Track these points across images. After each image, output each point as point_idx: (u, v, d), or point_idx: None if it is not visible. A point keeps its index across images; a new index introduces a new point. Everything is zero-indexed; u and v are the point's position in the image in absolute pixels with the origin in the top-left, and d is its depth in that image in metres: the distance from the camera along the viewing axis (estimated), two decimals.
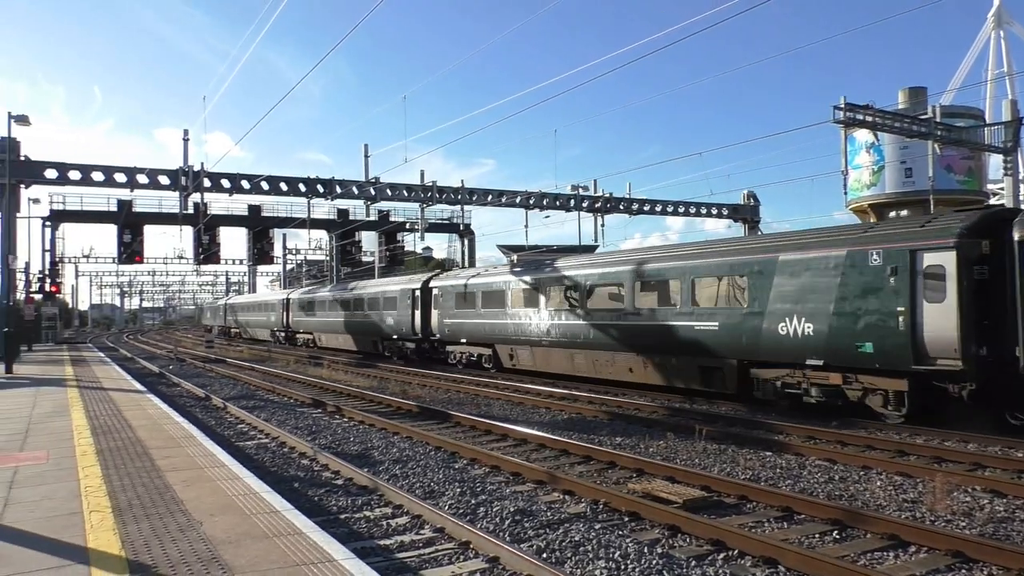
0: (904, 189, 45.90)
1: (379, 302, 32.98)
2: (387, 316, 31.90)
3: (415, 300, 29.54)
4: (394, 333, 31.49)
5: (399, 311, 30.83)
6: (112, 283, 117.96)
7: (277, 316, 49.58)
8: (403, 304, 30.47)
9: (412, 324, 29.77)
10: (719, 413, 15.18)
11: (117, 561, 5.14)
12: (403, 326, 30.54)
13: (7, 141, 29.73)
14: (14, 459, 8.95)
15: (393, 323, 31.43)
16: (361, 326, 35.49)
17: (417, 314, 29.38)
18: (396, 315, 31.13)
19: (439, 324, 27.94)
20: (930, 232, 13.06)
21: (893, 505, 8.30)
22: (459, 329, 26.72)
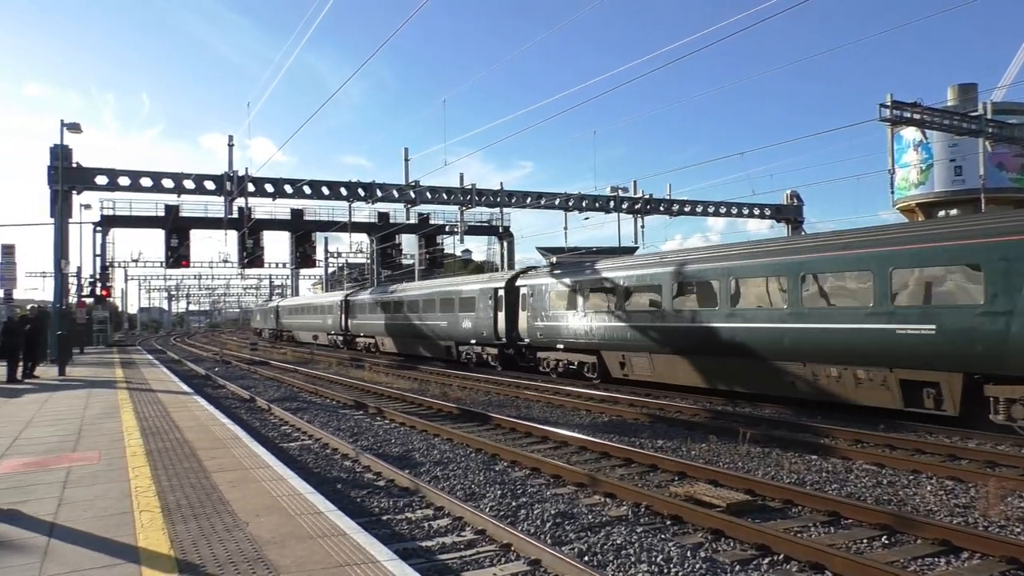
0: (954, 188, 44.79)
1: (454, 303, 30.18)
2: (464, 319, 29.06)
3: (498, 300, 26.69)
4: (472, 337, 28.62)
5: (478, 313, 27.98)
6: (160, 287, 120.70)
7: (334, 319, 46.51)
8: (483, 305, 27.58)
9: (494, 327, 26.86)
10: (762, 416, 14.96)
11: (167, 560, 5.25)
12: (483, 330, 27.58)
13: (60, 149, 30.58)
14: (68, 459, 9.20)
15: (471, 326, 28.54)
16: (432, 330, 32.29)
17: (501, 316, 26.45)
18: (474, 317, 28.27)
19: (528, 327, 24.70)
20: None
21: (944, 510, 8.11)
22: (555, 333, 23.38)
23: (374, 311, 39.62)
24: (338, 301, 45.84)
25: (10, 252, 46.12)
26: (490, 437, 12.90)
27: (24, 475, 8.30)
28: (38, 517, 6.47)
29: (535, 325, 24.29)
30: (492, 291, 27.10)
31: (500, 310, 26.52)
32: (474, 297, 28.44)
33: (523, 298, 25.28)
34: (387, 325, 37.70)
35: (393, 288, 38.96)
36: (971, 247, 12.72)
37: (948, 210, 42.73)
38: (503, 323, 26.29)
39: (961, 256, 12.88)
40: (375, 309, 39.47)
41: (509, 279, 26.76)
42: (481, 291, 27.95)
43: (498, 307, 26.64)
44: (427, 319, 32.63)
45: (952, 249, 12.99)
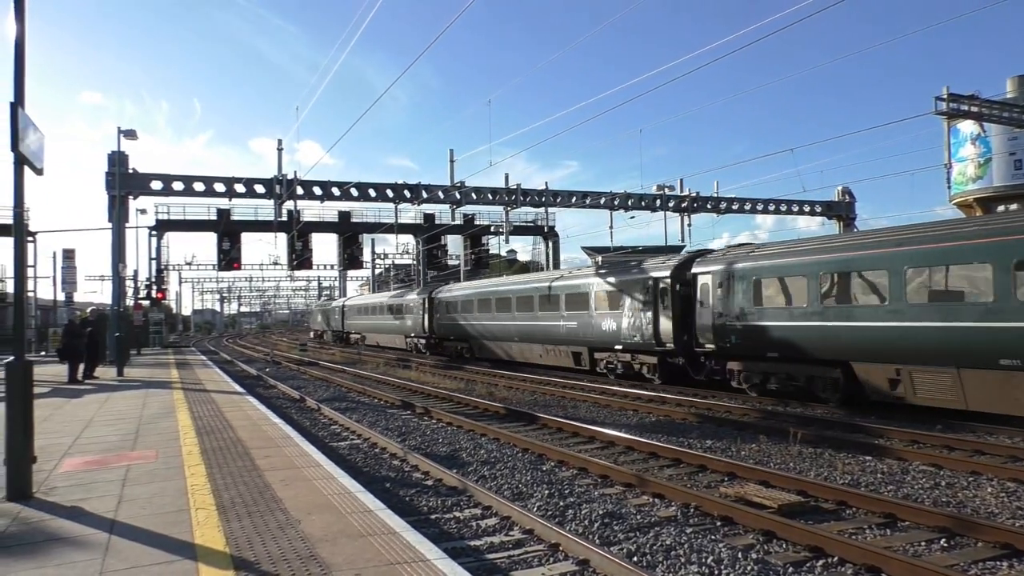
0: (1014, 182, 43.38)
1: (586, 299, 24.47)
2: (603, 319, 23.36)
3: (659, 294, 21.00)
4: (615, 342, 22.75)
5: (627, 311, 22.26)
6: (212, 289, 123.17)
7: (415, 319, 40.87)
8: (634, 302, 21.91)
9: (654, 329, 21.01)
10: (814, 416, 14.69)
11: (222, 557, 5.36)
12: (635, 333, 21.83)
13: (117, 155, 31.46)
14: (127, 458, 9.46)
15: (614, 328, 22.78)
16: (550, 333, 26.63)
17: (665, 316, 20.81)
18: (621, 316, 22.57)
19: (715, 328, 18.68)
20: None
21: (1006, 513, 7.86)
22: (764, 338, 17.07)
23: (467, 310, 34.03)
24: (422, 299, 40.15)
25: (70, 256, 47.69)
26: (537, 437, 12.90)
27: (85, 473, 8.56)
28: (99, 514, 6.67)
29: (728, 326, 18.25)
30: (650, 282, 21.38)
31: (664, 307, 20.81)
32: (620, 291, 22.93)
33: (705, 290, 19.26)
34: (486, 327, 32.12)
35: (493, 283, 34.08)
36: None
37: (1008, 205, 41.49)
38: (668, 324, 20.58)
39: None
40: (469, 308, 33.91)
41: (678, 266, 20.85)
42: (633, 283, 22.26)
43: (660, 303, 20.95)
44: (544, 319, 27.08)
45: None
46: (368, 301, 54.46)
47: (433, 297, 38.70)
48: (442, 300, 37.47)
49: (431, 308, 38.75)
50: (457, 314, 35.33)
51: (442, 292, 38.15)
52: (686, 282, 20.23)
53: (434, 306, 38.42)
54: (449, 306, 36.41)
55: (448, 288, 38.68)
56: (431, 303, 38.78)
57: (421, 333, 40.41)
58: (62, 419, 13.50)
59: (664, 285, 20.92)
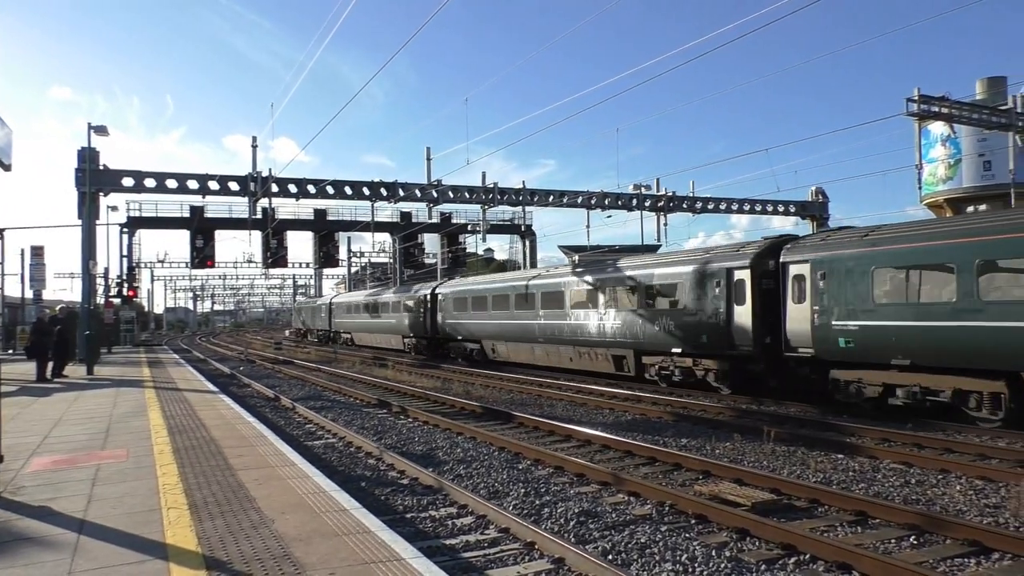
0: (983, 183, 44.10)
1: (636, 293, 21.07)
2: (656, 317, 20.05)
3: (733, 288, 17.73)
4: (672, 345, 19.42)
5: (689, 308, 18.84)
6: (185, 287, 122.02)
7: (415, 318, 37.37)
8: (699, 297, 18.61)
9: (726, 329, 17.69)
10: (788, 414, 14.84)
11: (194, 557, 5.30)
12: (700, 332, 18.44)
13: (87, 151, 31.01)
14: (97, 457, 9.32)
15: (671, 327, 19.47)
16: (589, 332, 23.04)
17: (740, 312, 17.45)
18: (678, 315, 19.26)
19: (815, 328, 15.57)
20: None
21: (974, 510, 7.99)
22: (894, 340, 14.19)
23: (479, 307, 30.73)
24: (423, 296, 36.48)
25: (39, 254, 46.92)
26: (513, 435, 12.90)
27: (54, 472, 8.43)
28: (68, 514, 6.56)
29: (835, 327, 15.16)
30: (722, 274, 17.99)
31: (739, 302, 17.61)
32: (677, 284, 19.50)
33: (799, 283, 16.26)
34: (502, 327, 28.97)
35: (510, 277, 30.84)
36: None
37: (977, 205, 42.19)
38: (745, 323, 17.28)
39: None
40: (481, 305, 30.61)
41: (759, 254, 17.48)
42: (698, 274, 18.79)
43: (734, 298, 17.73)
44: (577, 317, 23.72)
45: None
46: (359, 298, 49.83)
47: (437, 293, 34.98)
48: (448, 296, 33.68)
49: (434, 305, 35.12)
50: (467, 312, 31.80)
51: (447, 287, 34.48)
52: (769, 273, 17.12)
53: (438, 303, 34.71)
54: (457, 303, 32.74)
55: (455, 283, 34.96)
56: (434, 300, 35.14)
57: (422, 333, 36.87)
58: (30, 418, 13.28)
59: (741, 277, 17.57)
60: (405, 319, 38.79)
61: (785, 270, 16.64)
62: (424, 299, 36.19)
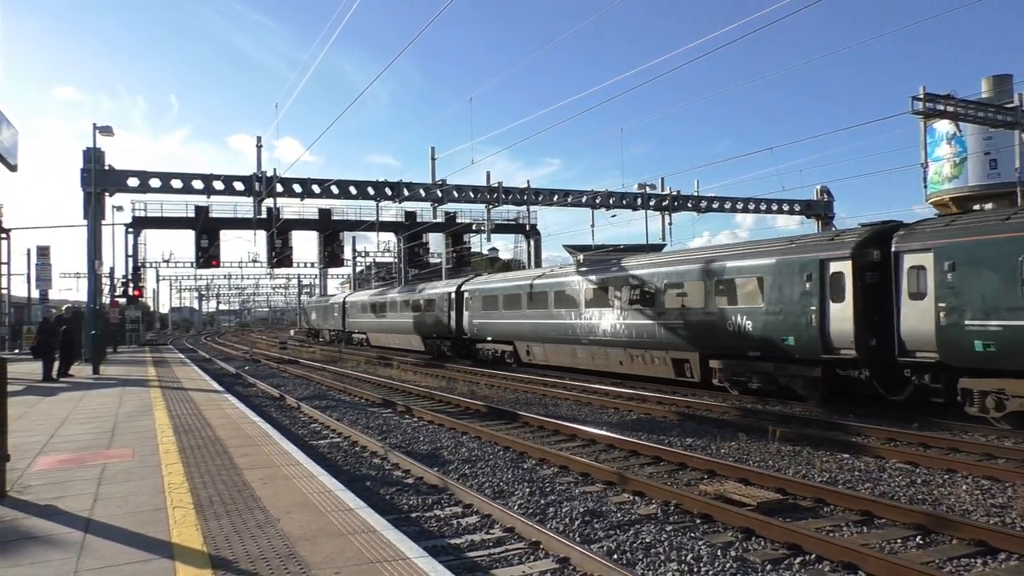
0: (989, 181, 43.93)
1: (704, 289, 18.56)
2: (731, 316, 17.49)
3: (828, 282, 15.30)
4: (749, 346, 17.07)
5: (772, 305, 16.43)
6: (190, 287, 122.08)
7: (438, 317, 34.68)
8: (784, 292, 16.19)
9: (819, 330, 15.27)
10: (793, 414, 14.81)
11: (200, 556, 5.31)
12: (786, 333, 15.98)
13: (92, 151, 31.07)
14: (103, 456, 9.35)
15: (749, 327, 16.94)
16: (645, 333, 20.47)
17: (839, 311, 15.01)
18: (758, 313, 16.81)
19: (941, 329, 13.43)
20: None
21: (981, 510, 7.96)
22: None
23: (513, 306, 28.00)
24: (447, 293, 33.90)
25: (45, 254, 47.05)
26: (518, 435, 12.90)
27: (60, 471, 8.45)
28: (74, 513, 6.58)
29: (969, 328, 12.94)
30: (815, 265, 15.57)
31: (836, 299, 15.16)
32: (756, 278, 17.04)
33: (918, 276, 14.05)
34: (540, 327, 25.69)
35: (552, 272, 26.97)
36: None
37: (983, 204, 42.03)
38: (845, 322, 14.90)
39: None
40: (514, 303, 27.93)
41: (860, 243, 15.15)
42: (785, 267, 16.33)
43: (830, 293, 15.27)
44: (630, 316, 21.18)
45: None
46: (375, 297, 47.06)
47: (463, 291, 32.52)
48: (476, 294, 31.31)
49: (459, 304, 32.68)
50: (497, 311, 29.35)
51: (475, 284, 32.16)
52: (873, 265, 14.99)
53: (464, 301, 32.38)
54: (486, 301, 30.32)
55: (483, 280, 32.91)
56: (459, 298, 32.70)
57: (445, 333, 34.24)
58: (36, 417, 13.32)
59: (838, 270, 15.19)
60: (427, 319, 36.34)
61: (898, 261, 14.38)
62: (448, 297, 33.73)
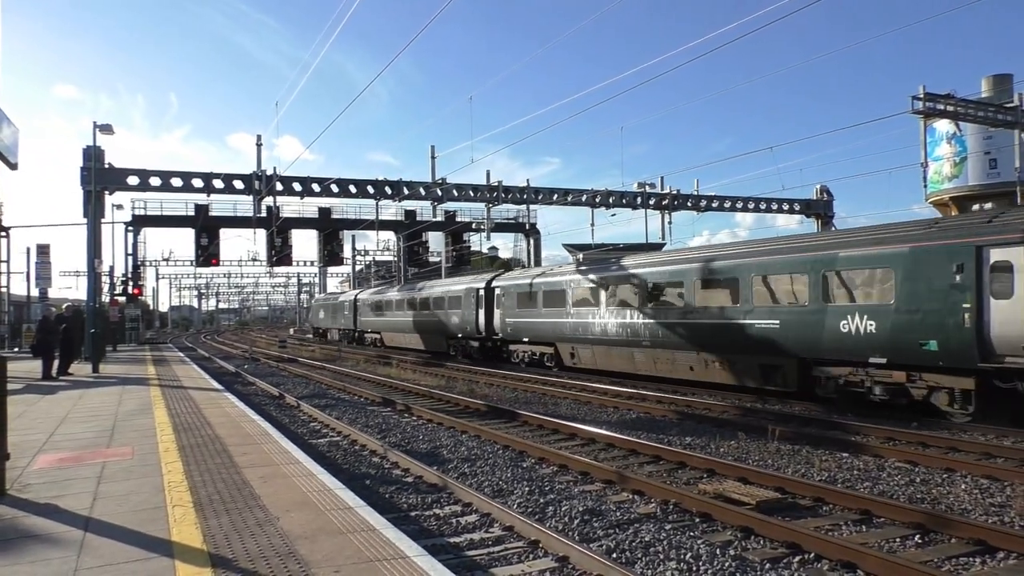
0: (989, 181, 43.95)
1: (811, 284, 15.67)
2: (844, 315, 14.89)
3: (984, 274, 12.91)
4: (868, 351, 14.52)
5: (903, 302, 13.96)
6: (190, 285, 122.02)
7: (464, 316, 31.90)
8: (918, 282, 13.77)
9: (975, 331, 12.85)
10: (792, 413, 14.82)
11: (199, 554, 5.32)
12: (925, 334, 13.59)
13: (92, 150, 31.07)
14: (102, 455, 9.35)
15: (872, 329, 14.38)
16: (727, 335, 17.69)
17: (1002, 308, 12.64)
18: (881, 312, 14.30)
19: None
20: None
21: (979, 509, 7.97)
22: None
23: (555, 303, 24.99)
24: (474, 289, 31.14)
25: (45, 252, 47.08)
26: (517, 434, 12.90)
27: (60, 470, 8.45)
28: (74, 511, 6.59)
29: None
30: (964, 254, 13.16)
31: (996, 294, 12.77)
32: (883, 270, 14.55)
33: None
34: (591, 326, 22.93)
35: (603, 262, 23.92)
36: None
37: (983, 204, 42.05)
38: (1014, 323, 12.46)
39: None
40: (557, 300, 24.92)
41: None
42: (921, 256, 13.84)
43: (988, 288, 12.86)
44: (707, 315, 18.40)
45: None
46: (390, 294, 43.54)
47: (494, 287, 30.03)
48: (510, 290, 28.54)
49: (489, 301, 30.08)
50: (536, 308, 26.48)
51: (508, 280, 29.56)
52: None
53: (495, 298, 29.71)
54: (522, 298, 27.48)
55: (516, 275, 30.17)
56: (489, 294, 30.10)
57: (472, 333, 31.28)
58: (36, 415, 13.32)
59: (1003, 259, 12.63)
60: (451, 317, 33.24)
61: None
62: (476, 294, 30.89)
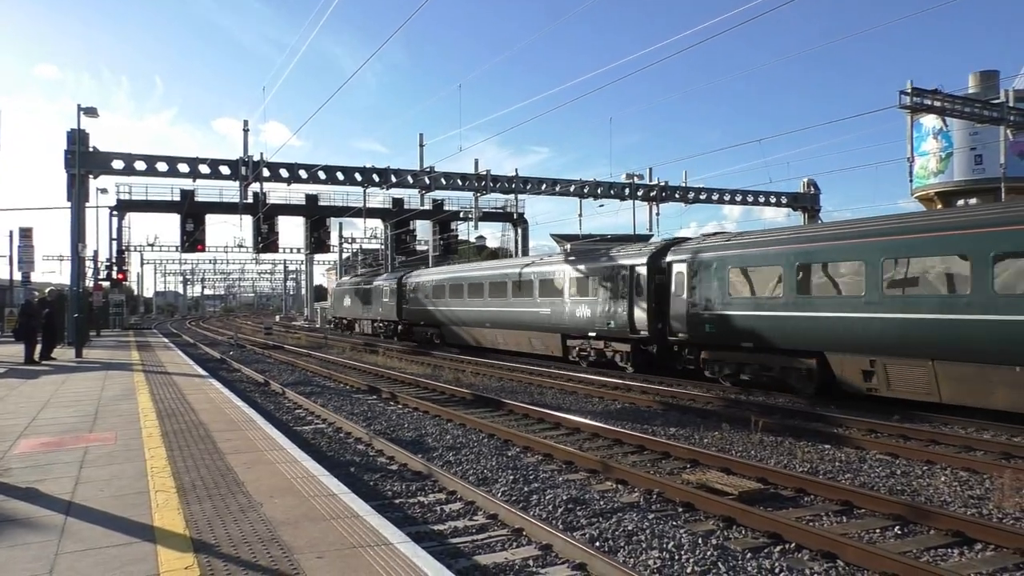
0: (974, 177, 44.32)
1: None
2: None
3: None
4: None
5: None
6: (175, 271, 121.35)
7: (605, 306, 21.76)
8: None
9: None
10: (776, 405, 14.92)
11: (182, 539, 5.30)
12: None
13: (77, 133, 30.75)
14: (84, 440, 9.29)
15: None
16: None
17: None
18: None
19: None
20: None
21: (958, 501, 8.06)
22: None
23: (816, 290, 15.64)
24: (627, 267, 21.19)
25: (28, 235, 46.57)
26: (503, 423, 12.93)
27: (42, 455, 8.40)
28: (55, 496, 6.55)
29: None
30: None
31: None
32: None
33: None
34: (881, 325, 14.13)
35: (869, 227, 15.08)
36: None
37: (968, 199, 42.37)
38: None
39: None
40: (809, 283, 15.76)
41: None
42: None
43: None
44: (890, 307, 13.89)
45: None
46: (461, 273, 32.85)
47: (666, 262, 19.85)
48: (702, 262, 18.43)
49: (651, 282, 20.35)
50: (747, 300, 17.06)
51: (693, 249, 19.13)
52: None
53: (678, 278, 19.28)
54: (726, 277, 17.58)
55: (709, 242, 19.08)
56: (652, 273, 20.38)
57: (618, 330, 21.35)
58: (17, 400, 13.22)
59: None
60: (576, 308, 23.33)
61: None
62: (632, 274, 21.03)
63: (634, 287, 20.92)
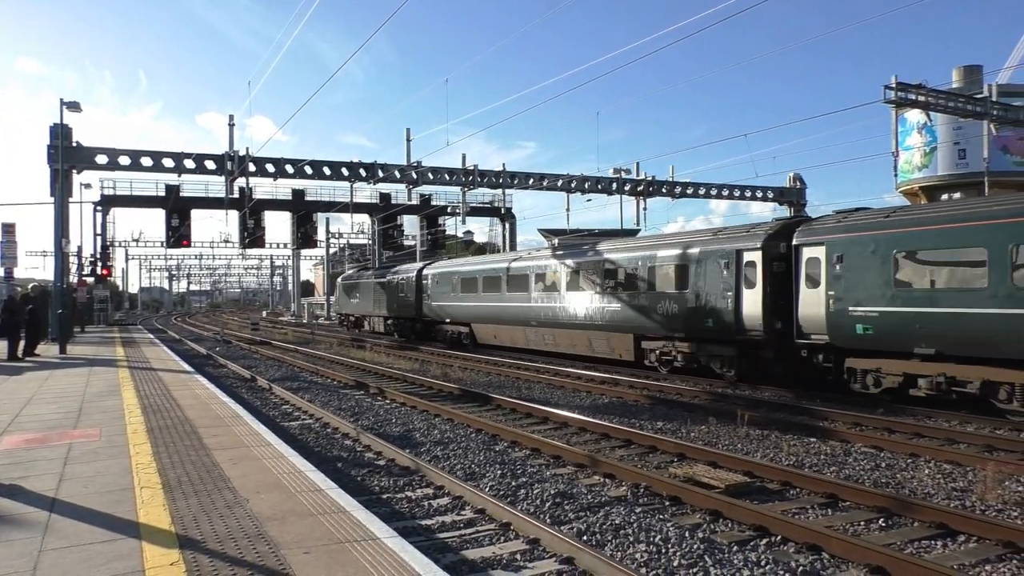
0: (958, 171, 44.71)
1: None
2: None
3: None
4: None
5: None
6: (161, 266, 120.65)
7: (704, 298, 17.58)
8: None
9: None
10: (762, 399, 15.00)
11: (167, 536, 5.27)
12: None
13: (60, 128, 30.45)
14: (69, 436, 9.22)
15: None
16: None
17: None
18: None
19: None
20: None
21: (942, 493, 8.13)
22: None
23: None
24: (733, 252, 17.13)
25: (10, 231, 46.10)
26: (491, 417, 12.93)
27: (25, 451, 8.33)
28: (39, 492, 6.50)
29: None
30: None
31: None
32: None
33: None
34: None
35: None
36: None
37: (951, 193, 42.67)
38: None
39: None
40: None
41: None
42: None
43: None
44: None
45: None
46: (496, 264, 28.38)
47: (792, 245, 16.06)
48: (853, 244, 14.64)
49: (767, 270, 16.41)
50: (925, 293, 13.45)
51: (834, 229, 15.26)
52: None
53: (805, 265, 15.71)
54: (890, 263, 13.88)
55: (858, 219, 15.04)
56: (768, 260, 16.44)
57: (722, 330, 17.24)
58: (0, 397, 13.10)
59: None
60: (657, 302, 19.24)
61: None
62: (737, 260, 17.04)
63: (742, 277, 16.85)
